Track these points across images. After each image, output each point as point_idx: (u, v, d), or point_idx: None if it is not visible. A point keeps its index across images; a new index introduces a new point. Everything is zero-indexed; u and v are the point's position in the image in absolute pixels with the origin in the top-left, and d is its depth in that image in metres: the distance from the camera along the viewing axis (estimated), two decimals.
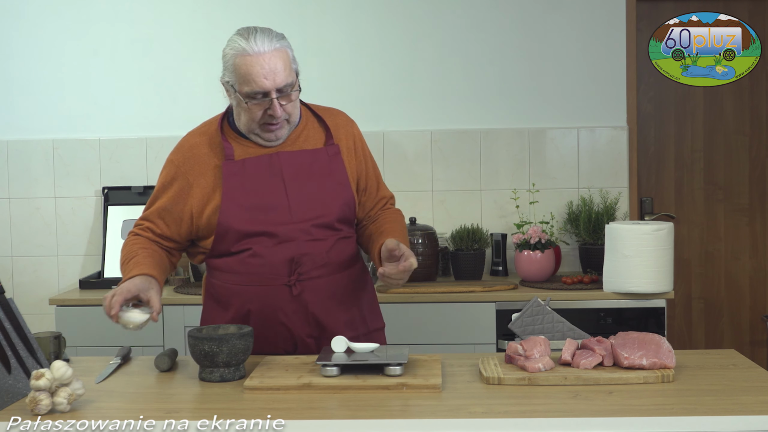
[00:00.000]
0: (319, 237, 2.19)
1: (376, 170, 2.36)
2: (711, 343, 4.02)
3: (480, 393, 1.82)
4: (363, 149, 2.32)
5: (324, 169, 2.23)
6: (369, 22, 3.87)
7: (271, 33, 2.14)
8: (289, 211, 2.18)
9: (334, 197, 2.21)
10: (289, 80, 2.12)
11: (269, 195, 2.18)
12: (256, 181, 2.19)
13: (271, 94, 2.11)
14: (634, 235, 3.17)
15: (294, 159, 2.21)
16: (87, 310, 3.40)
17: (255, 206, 2.17)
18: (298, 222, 2.17)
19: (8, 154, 3.95)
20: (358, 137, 2.32)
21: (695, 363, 2.03)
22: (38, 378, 1.68)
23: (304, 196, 2.19)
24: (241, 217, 2.17)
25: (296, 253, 2.16)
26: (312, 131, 2.27)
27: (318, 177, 2.21)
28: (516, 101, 3.88)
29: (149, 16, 3.93)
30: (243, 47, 2.10)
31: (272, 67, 2.10)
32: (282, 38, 2.15)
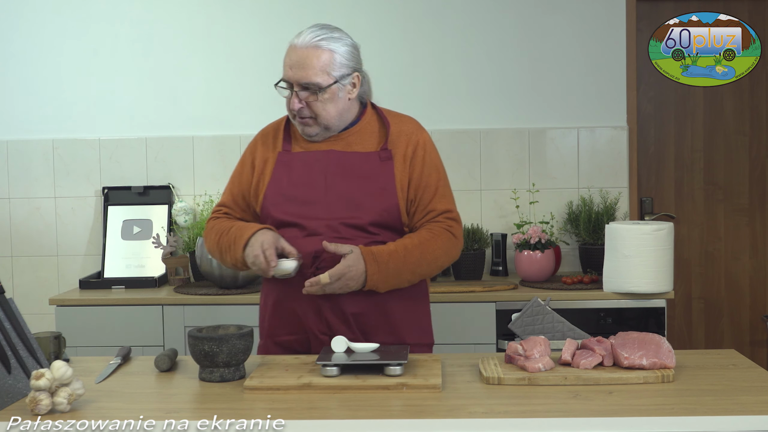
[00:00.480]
0: (347, 236, 2.18)
1: (438, 182, 2.26)
2: (711, 343, 4.02)
3: (480, 393, 1.82)
4: (423, 159, 2.25)
5: (371, 172, 2.22)
6: (369, 22, 3.87)
7: (326, 32, 2.20)
8: (323, 207, 2.20)
9: (373, 201, 2.20)
10: (315, 80, 2.17)
11: (309, 189, 2.22)
12: (302, 175, 2.24)
13: (294, 86, 2.19)
14: (634, 235, 3.17)
15: (343, 159, 2.24)
16: (87, 310, 3.40)
17: (294, 198, 2.22)
18: (328, 219, 2.19)
19: (8, 154, 3.95)
20: (422, 146, 2.26)
21: (695, 363, 2.03)
22: (38, 378, 1.68)
23: (342, 195, 2.21)
24: (279, 205, 2.23)
25: (321, 249, 2.16)
26: (369, 134, 2.28)
27: (362, 179, 2.22)
28: (516, 101, 3.88)
29: (149, 15, 3.93)
30: (293, 37, 2.21)
31: (301, 61, 2.17)
32: (337, 41, 2.20)
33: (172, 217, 3.82)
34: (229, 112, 3.93)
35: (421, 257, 2.17)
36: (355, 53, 2.26)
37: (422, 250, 2.18)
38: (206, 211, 3.79)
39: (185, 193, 3.92)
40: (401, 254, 2.15)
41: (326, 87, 2.18)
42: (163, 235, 3.75)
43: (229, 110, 3.93)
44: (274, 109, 3.90)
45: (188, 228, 3.78)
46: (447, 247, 2.23)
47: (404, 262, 2.15)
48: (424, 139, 2.29)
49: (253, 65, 3.92)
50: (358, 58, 2.27)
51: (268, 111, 3.91)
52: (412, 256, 2.16)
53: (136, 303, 3.40)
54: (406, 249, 2.16)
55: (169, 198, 3.88)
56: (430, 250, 2.19)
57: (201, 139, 3.92)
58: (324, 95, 2.18)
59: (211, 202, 3.81)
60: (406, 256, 2.15)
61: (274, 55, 3.90)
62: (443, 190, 2.28)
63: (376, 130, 2.29)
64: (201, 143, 3.92)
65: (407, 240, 2.19)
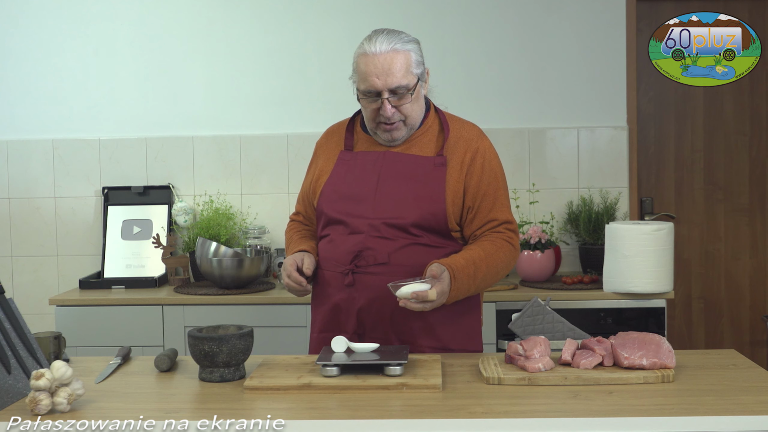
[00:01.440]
0: (388, 236, 2.20)
1: (497, 191, 2.26)
2: (711, 343, 4.02)
3: (480, 393, 1.82)
4: (482, 166, 2.26)
5: (424, 176, 2.24)
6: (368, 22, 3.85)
7: (396, 35, 2.21)
8: (370, 207, 2.23)
9: (419, 203, 2.21)
10: (403, 82, 2.18)
11: (361, 188, 2.26)
12: (358, 174, 2.28)
13: (383, 94, 2.19)
14: (634, 235, 3.17)
15: (398, 160, 2.26)
16: (87, 310, 3.40)
17: (346, 196, 2.26)
18: (372, 218, 2.22)
19: (8, 154, 3.95)
20: (481, 153, 2.27)
21: (695, 363, 2.03)
22: (38, 378, 1.68)
23: (390, 195, 2.23)
24: (332, 202, 2.27)
25: (362, 246, 2.20)
26: (429, 139, 2.29)
27: (413, 182, 2.23)
28: (516, 101, 3.88)
29: (149, 16, 3.93)
30: (364, 47, 2.21)
31: (386, 67, 2.17)
32: (408, 42, 2.22)
33: (172, 217, 3.81)
34: (229, 112, 3.93)
35: (487, 271, 2.18)
36: (421, 48, 2.28)
37: (488, 263, 2.18)
38: (206, 211, 3.79)
39: (185, 193, 3.92)
40: (471, 270, 2.14)
41: (414, 87, 2.21)
42: (163, 235, 3.75)
43: (229, 110, 3.93)
44: (273, 109, 3.93)
45: (188, 228, 3.78)
46: (508, 260, 2.24)
47: (473, 277, 2.15)
48: (485, 147, 2.30)
49: (253, 65, 3.92)
50: (422, 54, 2.29)
51: (267, 111, 3.94)
52: (480, 271, 2.16)
53: (136, 303, 3.40)
54: (476, 264, 2.15)
55: (169, 198, 3.88)
56: (494, 263, 2.20)
57: (201, 139, 3.92)
58: (413, 95, 2.22)
59: (211, 202, 3.81)
60: (476, 271, 2.15)
61: (274, 55, 3.93)
62: (503, 200, 2.28)
63: (436, 134, 2.31)
64: (201, 143, 3.92)
65: (476, 253, 2.18)
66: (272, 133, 3.92)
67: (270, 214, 3.89)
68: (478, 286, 2.19)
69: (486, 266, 2.17)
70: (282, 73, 3.91)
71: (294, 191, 3.88)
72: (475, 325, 2.33)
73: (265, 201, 3.90)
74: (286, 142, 3.90)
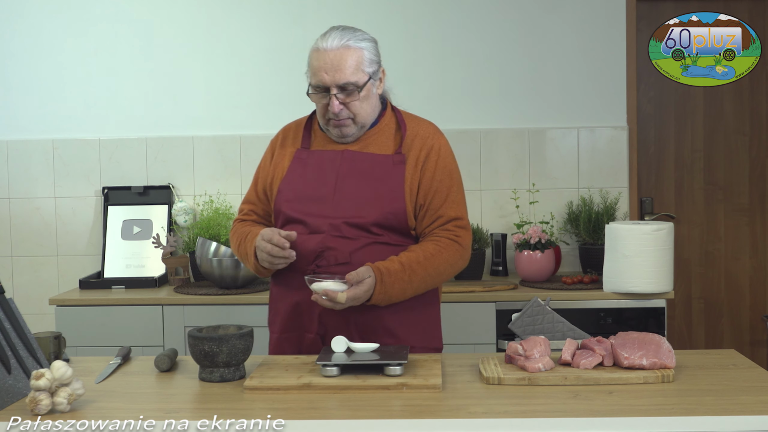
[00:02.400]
0: (349, 235, 2.20)
1: (450, 188, 2.26)
2: (711, 343, 4.02)
3: (480, 393, 1.82)
4: (436, 163, 2.25)
5: (383, 174, 2.23)
6: (368, 22, 3.85)
7: (350, 32, 2.22)
8: (330, 206, 2.22)
9: (379, 202, 2.21)
10: (352, 79, 2.19)
11: (319, 187, 2.25)
12: (315, 173, 2.27)
13: (332, 89, 2.19)
14: (634, 235, 3.17)
15: (356, 159, 2.26)
16: (87, 310, 3.40)
17: (304, 195, 2.25)
18: (333, 217, 2.21)
19: (8, 154, 3.95)
20: (435, 150, 2.27)
21: (695, 363, 2.03)
22: (38, 378, 1.68)
23: (349, 195, 2.22)
24: (290, 202, 2.26)
25: (323, 246, 2.19)
26: (386, 137, 2.29)
27: (372, 181, 2.23)
28: (516, 101, 3.88)
29: (149, 15, 3.93)
30: (317, 43, 2.22)
31: (335, 63, 2.18)
32: (362, 40, 2.23)
33: (172, 217, 3.81)
34: (229, 112, 3.93)
35: (425, 274, 2.18)
36: (377, 48, 2.29)
37: (426, 267, 2.18)
38: (206, 211, 3.79)
39: (185, 193, 3.92)
40: (406, 276, 2.15)
41: (363, 85, 2.21)
42: (163, 235, 3.75)
43: (229, 110, 3.93)
44: (273, 109, 3.93)
45: (188, 228, 3.78)
46: (453, 260, 2.23)
47: (408, 282, 2.16)
48: (440, 144, 2.29)
49: (253, 65, 3.92)
50: (379, 53, 2.30)
51: (267, 111, 3.94)
52: (417, 275, 2.16)
53: (136, 303, 3.40)
54: (412, 269, 2.16)
55: (169, 198, 3.88)
56: (435, 265, 2.19)
57: (201, 139, 3.92)
58: (361, 93, 2.21)
59: (211, 202, 3.81)
60: (411, 275, 2.15)
61: (274, 55, 3.93)
62: (455, 197, 2.26)
63: (393, 133, 2.30)
64: (201, 143, 3.92)
65: (414, 256, 2.17)
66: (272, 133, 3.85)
67: None
68: (417, 289, 2.19)
69: (424, 270, 2.17)
70: (282, 73, 3.91)
71: None
72: (433, 323, 2.34)
73: None
74: None
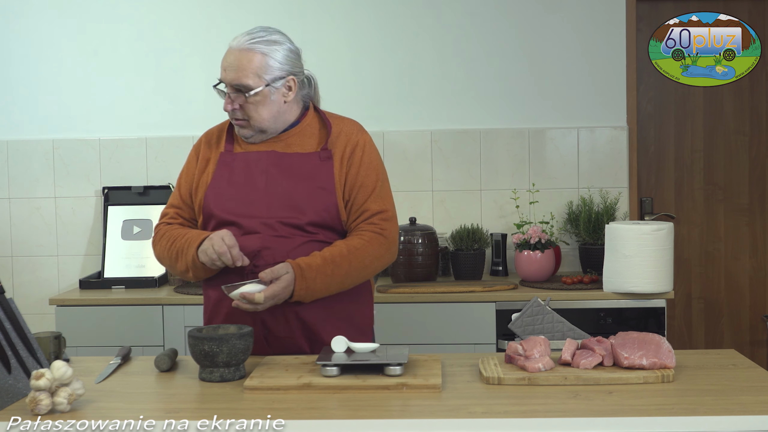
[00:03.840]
0: (284, 234, 2.19)
1: (375, 183, 2.26)
2: (711, 343, 4.02)
3: (480, 393, 1.82)
4: (361, 159, 2.26)
5: (311, 172, 2.23)
6: (369, 22, 3.87)
7: (262, 35, 2.22)
8: (263, 207, 2.21)
9: (311, 200, 2.21)
10: (245, 82, 2.18)
11: (249, 189, 2.23)
12: (242, 175, 2.25)
13: (226, 87, 2.22)
14: (634, 235, 3.17)
15: (283, 159, 2.25)
16: (87, 310, 3.40)
17: (233, 197, 2.23)
18: (266, 217, 2.20)
19: (8, 154, 3.95)
20: (360, 146, 2.27)
21: (695, 363, 2.03)
22: (38, 378, 1.68)
23: (281, 194, 2.21)
24: (220, 204, 2.23)
25: (260, 246, 2.18)
26: (309, 136, 2.29)
27: (302, 179, 2.22)
28: (516, 101, 3.88)
29: (149, 15, 3.93)
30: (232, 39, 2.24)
31: (233, 63, 2.20)
32: (271, 44, 2.21)
33: None
34: None
35: (350, 267, 2.17)
36: (291, 57, 2.26)
37: (351, 260, 2.17)
38: None
39: None
40: (329, 270, 2.14)
41: (257, 90, 2.19)
42: None
43: None
44: None
45: None
46: (378, 253, 2.22)
47: (332, 276, 2.14)
48: (364, 140, 2.30)
49: None
50: (295, 62, 2.27)
51: None
52: (341, 269, 2.16)
53: (136, 303, 3.40)
54: (335, 263, 2.15)
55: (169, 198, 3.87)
56: (360, 258, 2.18)
57: None
58: (255, 98, 2.19)
59: None
60: (334, 270, 2.15)
61: None
62: (380, 191, 2.26)
63: (317, 131, 2.30)
64: None
65: (337, 250, 2.17)
66: None
67: None
68: (342, 283, 2.18)
69: (348, 263, 2.16)
70: None
71: None
72: (365, 321, 2.33)
73: None
74: None
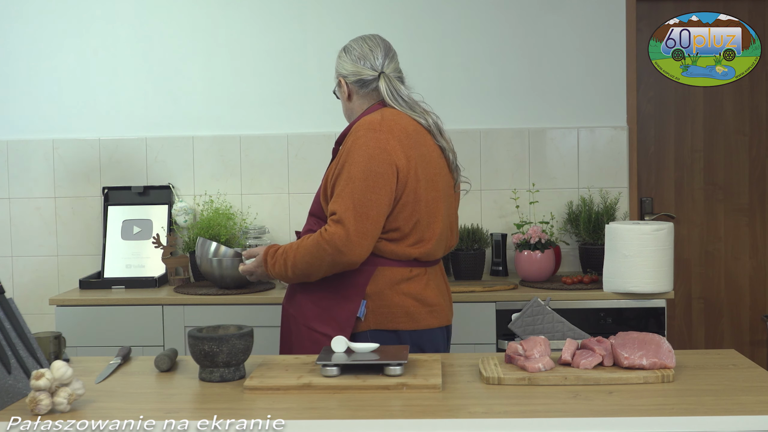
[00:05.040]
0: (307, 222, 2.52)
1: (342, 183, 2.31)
2: (711, 343, 4.02)
3: (480, 393, 1.82)
4: (341, 160, 2.34)
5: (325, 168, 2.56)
6: (368, 22, 3.87)
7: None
8: None
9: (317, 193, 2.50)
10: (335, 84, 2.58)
11: None
12: None
13: None
14: (634, 235, 3.17)
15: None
16: (87, 310, 3.40)
17: None
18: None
19: (8, 154, 3.95)
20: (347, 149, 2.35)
21: (695, 363, 2.03)
22: (38, 378, 1.68)
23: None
24: None
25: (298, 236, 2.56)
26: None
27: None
28: (516, 101, 3.88)
29: (149, 15, 3.93)
30: None
31: None
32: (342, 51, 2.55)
33: (172, 217, 3.81)
34: (229, 112, 3.93)
35: (294, 260, 2.34)
36: (342, 60, 2.55)
37: (295, 254, 2.35)
38: (206, 211, 3.79)
39: (185, 193, 3.92)
40: (282, 258, 2.37)
41: (336, 89, 2.59)
42: (163, 235, 3.75)
43: (229, 110, 3.93)
44: (273, 109, 3.93)
45: (188, 228, 3.78)
46: (314, 251, 2.30)
47: (284, 264, 2.36)
48: (354, 140, 2.35)
49: (252, 65, 3.92)
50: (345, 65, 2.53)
51: (267, 111, 3.94)
52: (289, 259, 2.36)
53: (136, 303, 3.40)
54: (286, 253, 2.37)
55: (169, 198, 3.88)
56: (300, 254, 2.33)
57: (201, 139, 3.92)
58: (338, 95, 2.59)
59: (211, 202, 3.81)
60: (285, 259, 2.36)
61: (274, 55, 3.92)
62: (342, 191, 2.30)
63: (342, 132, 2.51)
64: (201, 143, 3.92)
65: (294, 243, 2.38)
66: (272, 133, 3.92)
67: (270, 214, 3.90)
68: (294, 272, 2.36)
69: (294, 257, 2.35)
70: (282, 73, 3.91)
71: (294, 191, 3.89)
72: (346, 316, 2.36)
73: (265, 201, 3.90)
74: (286, 142, 3.90)
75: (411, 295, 2.37)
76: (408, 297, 2.37)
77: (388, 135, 2.33)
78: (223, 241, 3.63)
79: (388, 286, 2.35)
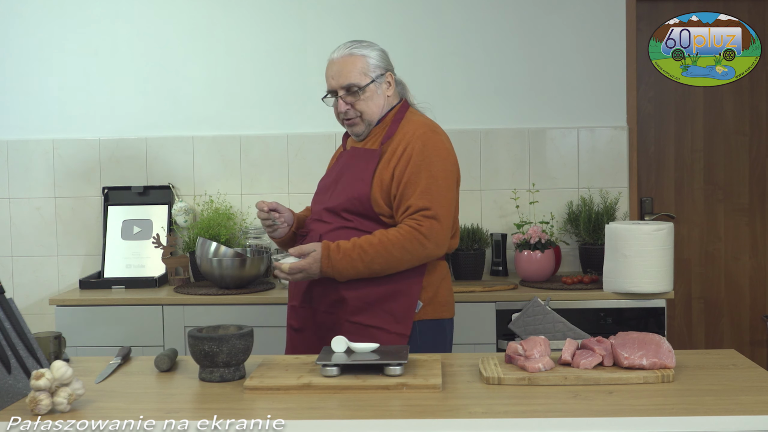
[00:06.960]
0: (325, 219, 2.48)
1: (427, 181, 2.37)
2: (711, 343, 4.02)
3: (480, 393, 1.83)
4: (411, 157, 2.39)
5: (359, 165, 2.48)
6: (369, 22, 3.87)
7: (357, 43, 2.53)
8: (327, 196, 2.54)
9: (347, 189, 2.45)
10: (355, 81, 2.48)
11: (329, 180, 2.59)
12: (334, 169, 2.62)
13: (338, 92, 2.50)
14: (634, 235, 3.17)
15: (351, 154, 2.56)
16: (87, 310, 3.40)
17: (320, 189, 2.62)
18: (326, 204, 2.51)
19: (8, 154, 3.95)
20: (412, 146, 2.40)
21: (695, 363, 2.03)
22: (38, 378, 1.68)
23: (335, 184, 2.52)
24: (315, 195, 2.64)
25: (307, 230, 2.54)
26: (379, 134, 2.52)
27: (352, 171, 2.49)
28: (516, 101, 3.88)
29: (149, 15, 3.93)
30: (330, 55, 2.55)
31: (339, 69, 2.50)
32: (367, 47, 2.52)
33: (172, 217, 3.81)
34: (229, 112, 3.93)
35: (376, 254, 2.32)
36: (384, 56, 2.55)
37: (379, 249, 2.33)
38: (206, 211, 3.79)
39: (185, 193, 3.92)
40: (356, 253, 2.33)
41: (365, 85, 2.48)
42: (163, 235, 3.75)
43: (229, 110, 3.93)
44: (273, 109, 3.93)
45: (188, 228, 3.78)
46: (411, 247, 2.34)
47: (359, 259, 2.32)
48: (424, 141, 2.43)
49: (252, 65, 3.92)
50: (388, 61, 2.56)
51: (267, 111, 3.94)
52: (367, 254, 2.33)
53: (136, 303, 3.40)
54: (362, 249, 2.33)
55: (169, 198, 3.88)
56: (388, 249, 2.33)
57: (201, 139, 3.92)
58: (366, 94, 2.49)
59: (211, 202, 3.81)
60: (361, 254, 2.32)
61: (274, 55, 3.93)
62: (426, 189, 2.37)
63: (386, 130, 2.51)
64: (201, 143, 3.92)
65: (370, 238, 2.35)
66: (272, 133, 3.92)
67: None
68: (369, 267, 2.33)
69: (376, 251, 2.32)
70: (282, 73, 3.91)
71: (294, 191, 3.89)
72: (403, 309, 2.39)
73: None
74: (286, 142, 3.90)
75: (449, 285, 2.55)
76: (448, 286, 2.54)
77: (445, 136, 2.51)
78: (223, 241, 3.63)
79: (440, 278, 2.48)
